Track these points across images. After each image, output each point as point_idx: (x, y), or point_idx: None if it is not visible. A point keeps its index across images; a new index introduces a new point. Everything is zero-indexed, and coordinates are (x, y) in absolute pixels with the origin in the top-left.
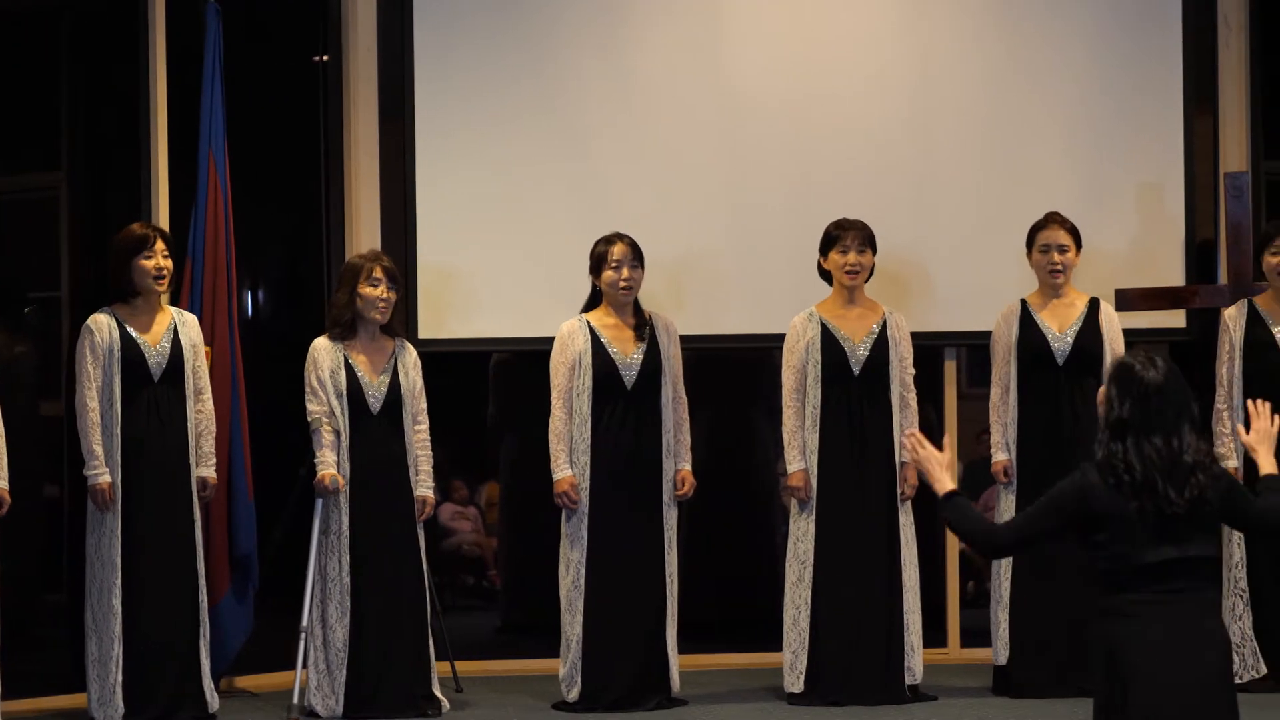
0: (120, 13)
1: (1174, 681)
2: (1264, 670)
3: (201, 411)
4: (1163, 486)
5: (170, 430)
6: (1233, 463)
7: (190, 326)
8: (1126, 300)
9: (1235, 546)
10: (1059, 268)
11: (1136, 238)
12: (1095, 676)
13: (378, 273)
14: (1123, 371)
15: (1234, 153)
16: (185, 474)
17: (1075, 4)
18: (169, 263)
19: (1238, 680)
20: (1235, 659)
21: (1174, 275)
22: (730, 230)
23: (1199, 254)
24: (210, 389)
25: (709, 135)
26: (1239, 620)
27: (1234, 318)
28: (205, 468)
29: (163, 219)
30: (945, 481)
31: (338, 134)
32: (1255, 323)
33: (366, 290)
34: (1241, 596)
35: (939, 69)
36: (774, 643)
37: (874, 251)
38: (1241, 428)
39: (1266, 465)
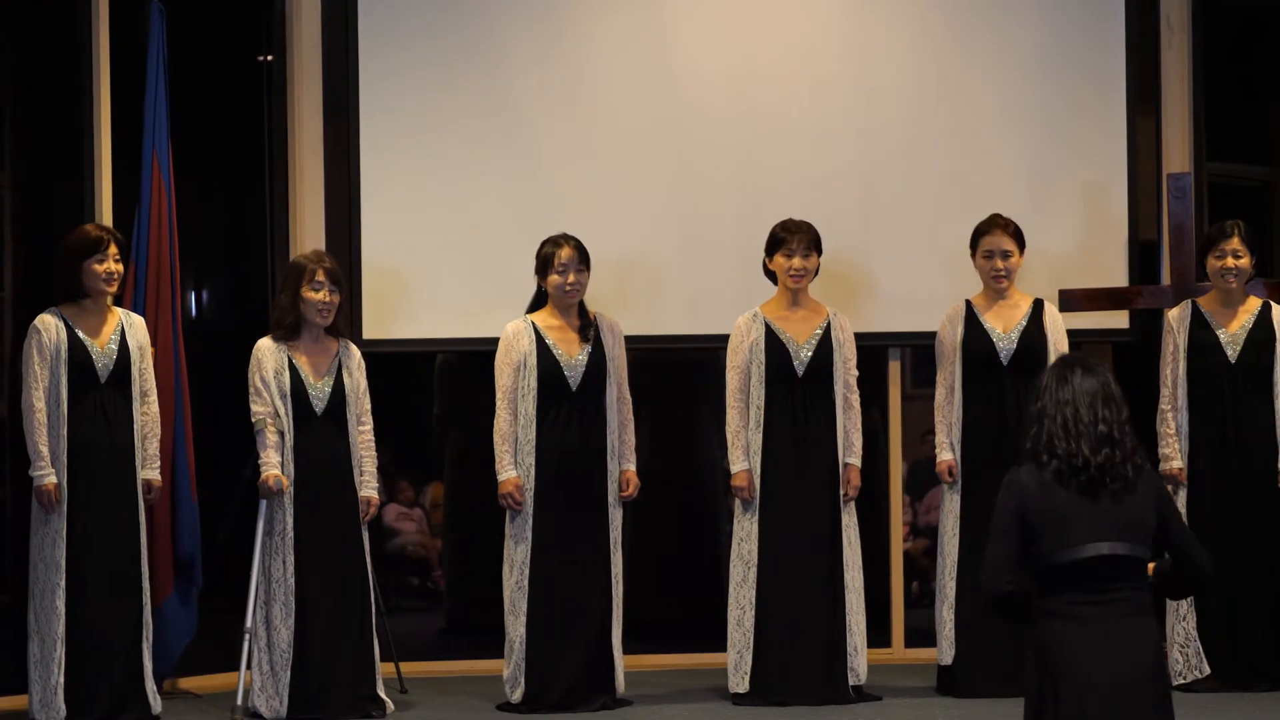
0: (63, 12)
1: (1103, 681)
2: (1207, 670)
3: (147, 414)
4: (1076, 447)
5: (117, 432)
6: (1176, 463)
7: (138, 329)
8: (1070, 301)
9: None
10: (1002, 273)
11: (1080, 239)
12: (1027, 675)
13: (320, 275)
14: (1049, 370)
15: (1177, 154)
16: (131, 476)
17: (1019, 7)
18: (120, 266)
19: (1181, 680)
20: (1179, 659)
21: (1117, 276)
22: (675, 232)
23: (1142, 255)
24: (156, 390)
25: (654, 137)
26: (1183, 621)
27: (1177, 319)
28: (150, 470)
29: (106, 218)
30: None
31: (282, 134)
32: (1198, 324)
33: (309, 293)
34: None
35: (883, 71)
36: (718, 643)
37: (819, 254)
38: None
39: None
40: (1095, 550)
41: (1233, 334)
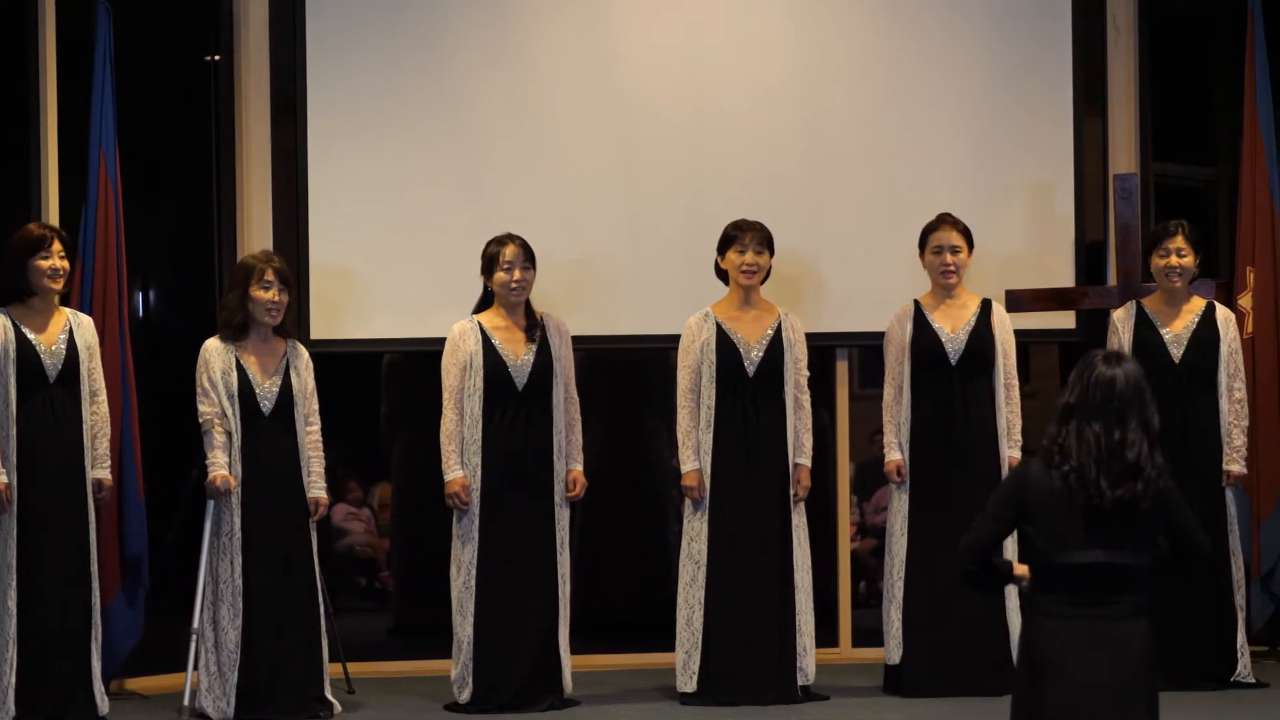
0: (10, 11)
1: (1090, 682)
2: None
3: (97, 413)
4: (1094, 475)
5: (66, 432)
6: None
7: (86, 328)
8: (1017, 301)
9: None
10: (951, 269)
11: (1027, 239)
12: (1016, 672)
13: (269, 275)
14: (1083, 361)
15: (1123, 154)
16: (80, 476)
17: (966, 8)
18: (65, 263)
19: None
20: None
21: (1064, 276)
22: (625, 231)
23: (1088, 255)
24: (105, 390)
25: (603, 137)
26: None
27: (1122, 319)
28: (100, 469)
29: (53, 218)
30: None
31: (229, 134)
32: (1143, 323)
33: (258, 293)
34: None
35: (831, 72)
36: (667, 643)
37: (771, 253)
38: None
39: None
40: (1092, 558)
41: (1177, 334)
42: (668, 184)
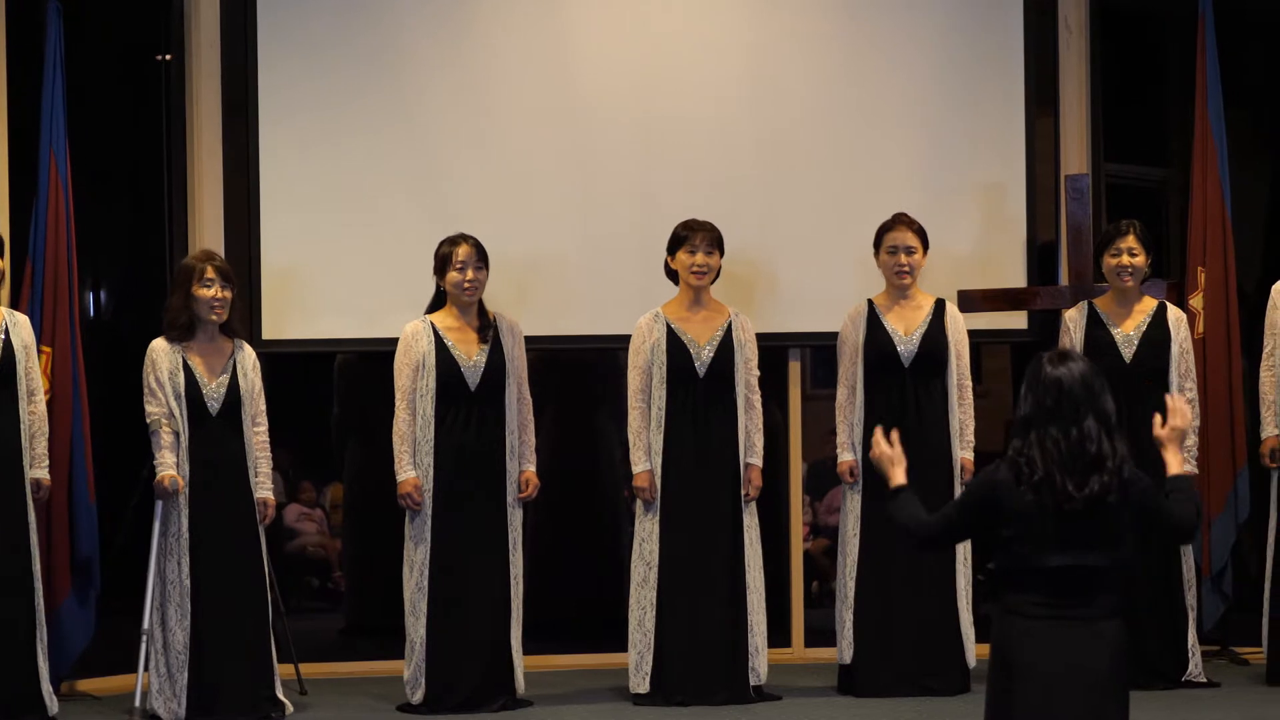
0: None
1: (1061, 682)
2: None
3: (34, 412)
4: (1060, 480)
5: (3, 433)
6: None
7: (22, 327)
8: (969, 301)
9: None
10: (906, 269)
11: (979, 239)
12: (989, 673)
13: (210, 273)
14: (1031, 369)
15: (1074, 155)
16: (18, 476)
17: (918, 9)
18: (3, 263)
19: None
20: None
21: (1016, 277)
22: (576, 232)
23: (1040, 255)
24: (43, 390)
25: (555, 136)
26: None
27: (1074, 319)
28: (39, 469)
29: (3, 219)
30: (898, 478)
31: (180, 133)
32: (1095, 323)
33: (200, 291)
34: None
35: (783, 72)
36: (619, 643)
37: (721, 253)
38: (1158, 419)
39: (1173, 465)
40: (1063, 560)
41: (1128, 334)
42: (619, 184)
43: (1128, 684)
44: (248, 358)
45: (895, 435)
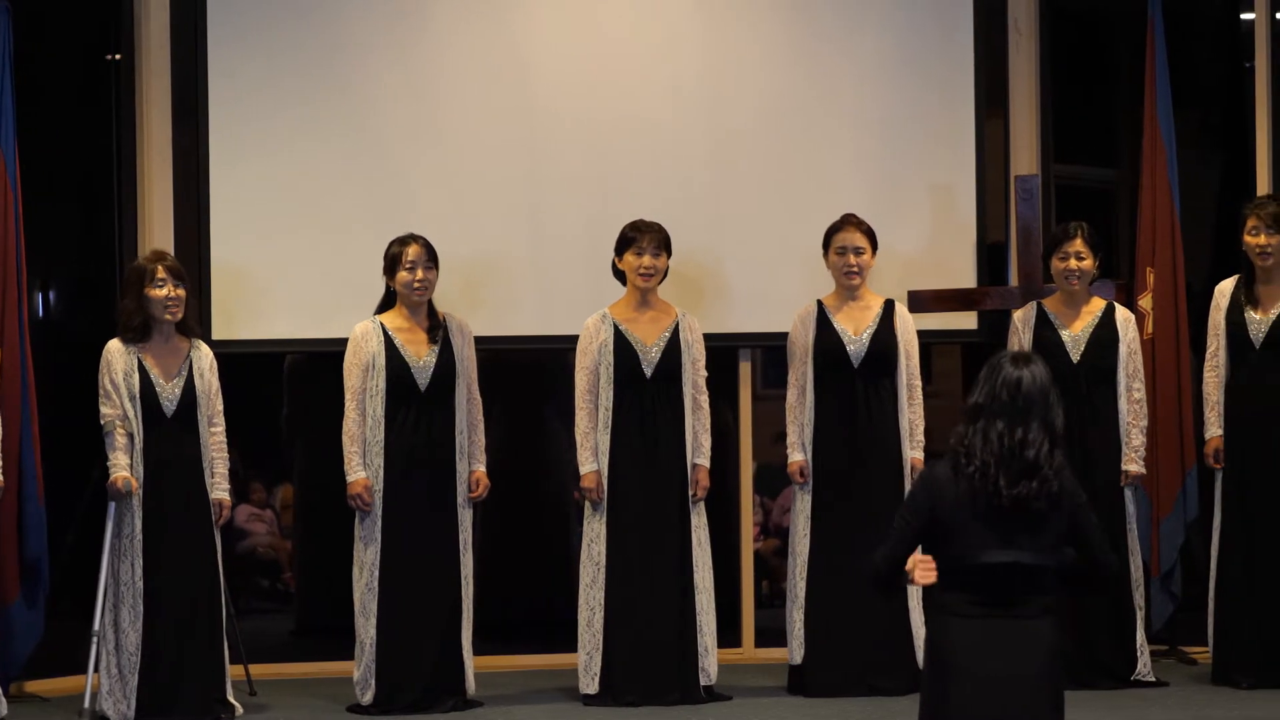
0: None
1: (994, 681)
2: None
3: None
4: (994, 473)
5: None
6: None
7: None
8: (919, 302)
9: None
10: (855, 269)
11: (929, 240)
12: (923, 672)
13: (161, 273)
14: (992, 362)
15: (1024, 156)
16: None
17: (869, 10)
18: None
19: None
20: None
21: (966, 277)
22: (524, 232)
23: (990, 256)
24: None
25: (504, 137)
26: None
27: (1023, 319)
28: None
29: None
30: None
31: (130, 133)
32: (1043, 324)
33: (153, 292)
34: None
35: (733, 73)
36: (569, 644)
37: (669, 254)
38: None
39: None
40: (997, 558)
41: (1076, 334)
42: (569, 185)
43: (1062, 684)
44: (204, 358)
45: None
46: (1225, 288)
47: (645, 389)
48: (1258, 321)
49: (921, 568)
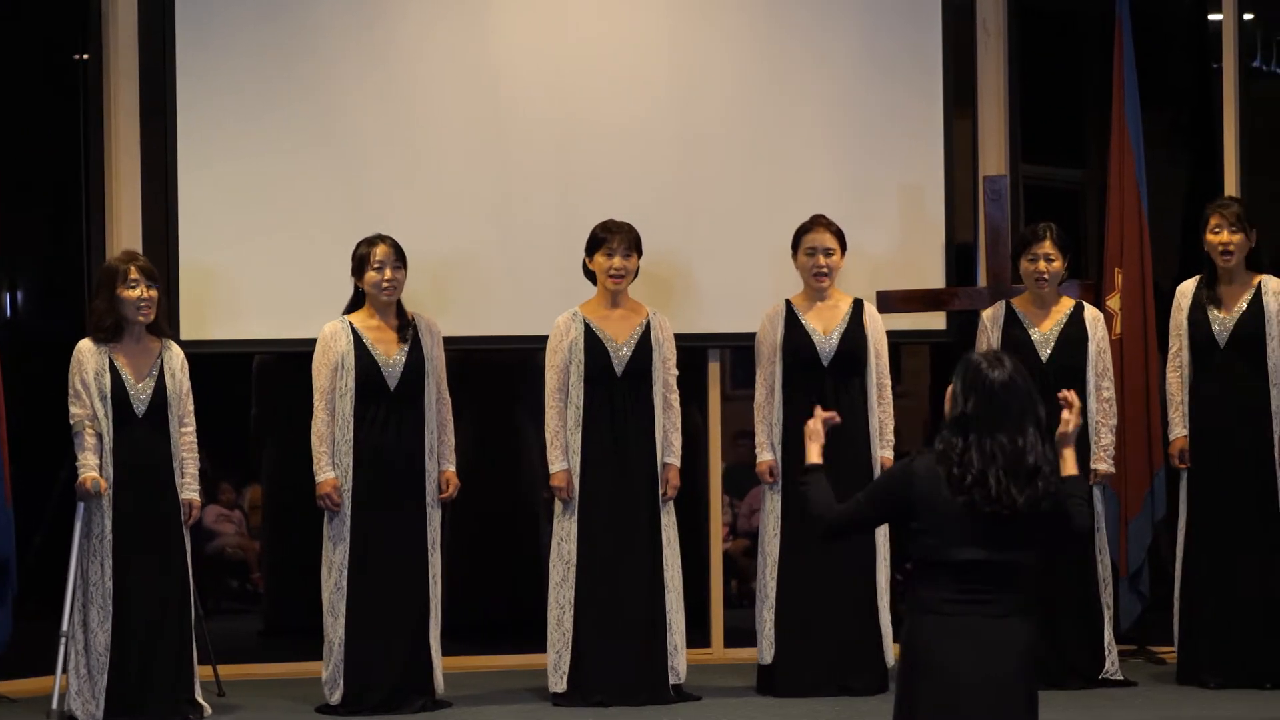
0: None
1: (968, 680)
2: None
3: None
4: (1004, 484)
5: None
6: None
7: None
8: (887, 302)
9: None
10: (824, 270)
11: (898, 241)
12: (898, 669)
13: (134, 274)
14: (970, 368)
15: (992, 156)
16: None
17: (837, 10)
18: None
19: None
20: None
21: (934, 277)
22: (494, 231)
23: (959, 256)
24: None
25: (474, 136)
26: None
27: (991, 318)
28: None
29: None
30: (814, 455)
31: (98, 133)
32: (1012, 323)
33: (126, 293)
34: None
35: (702, 72)
36: (538, 643)
37: (639, 255)
38: (1065, 415)
39: (1069, 465)
40: (974, 554)
41: (1045, 333)
42: (538, 183)
43: (1035, 685)
44: (175, 358)
45: (828, 416)
46: (1187, 288)
47: (616, 387)
48: (1221, 321)
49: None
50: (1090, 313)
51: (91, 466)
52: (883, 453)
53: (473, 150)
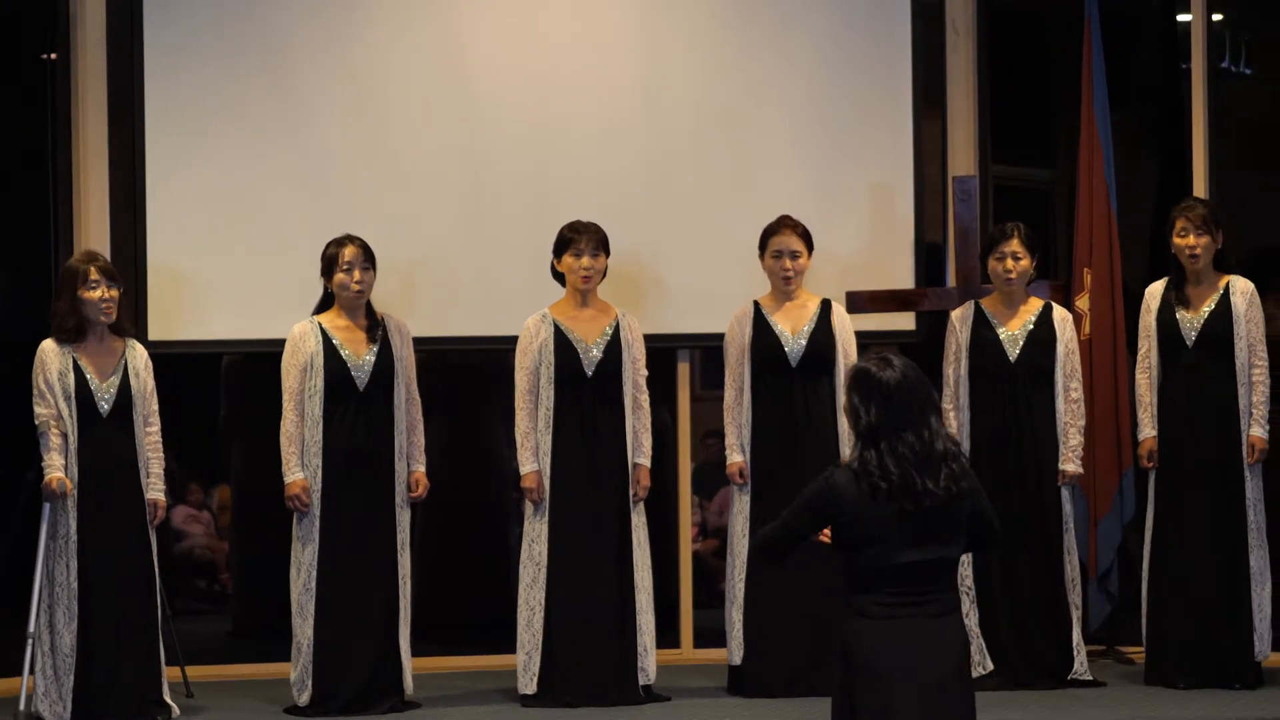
0: None
1: (905, 681)
2: (990, 667)
3: None
4: (920, 481)
5: None
6: None
7: None
8: (857, 302)
9: None
10: (791, 272)
11: (867, 241)
12: (833, 674)
13: (94, 274)
14: (861, 377)
15: (962, 157)
16: None
17: (805, 8)
18: None
19: None
20: None
21: (904, 278)
22: (464, 232)
23: (928, 257)
24: None
25: (443, 137)
26: (965, 618)
27: (960, 318)
28: None
29: None
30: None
31: (66, 132)
32: (980, 323)
33: (87, 294)
34: (968, 594)
35: (671, 73)
36: (508, 644)
37: (607, 255)
38: None
39: None
40: (908, 557)
41: (1013, 333)
42: (508, 185)
43: (971, 680)
44: (139, 357)
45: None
46: (1155, 289)
47: (586, 388)
48: (1189, 321)
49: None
50: (1059, 313)
51: (57, 467)
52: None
53: (442, 151)
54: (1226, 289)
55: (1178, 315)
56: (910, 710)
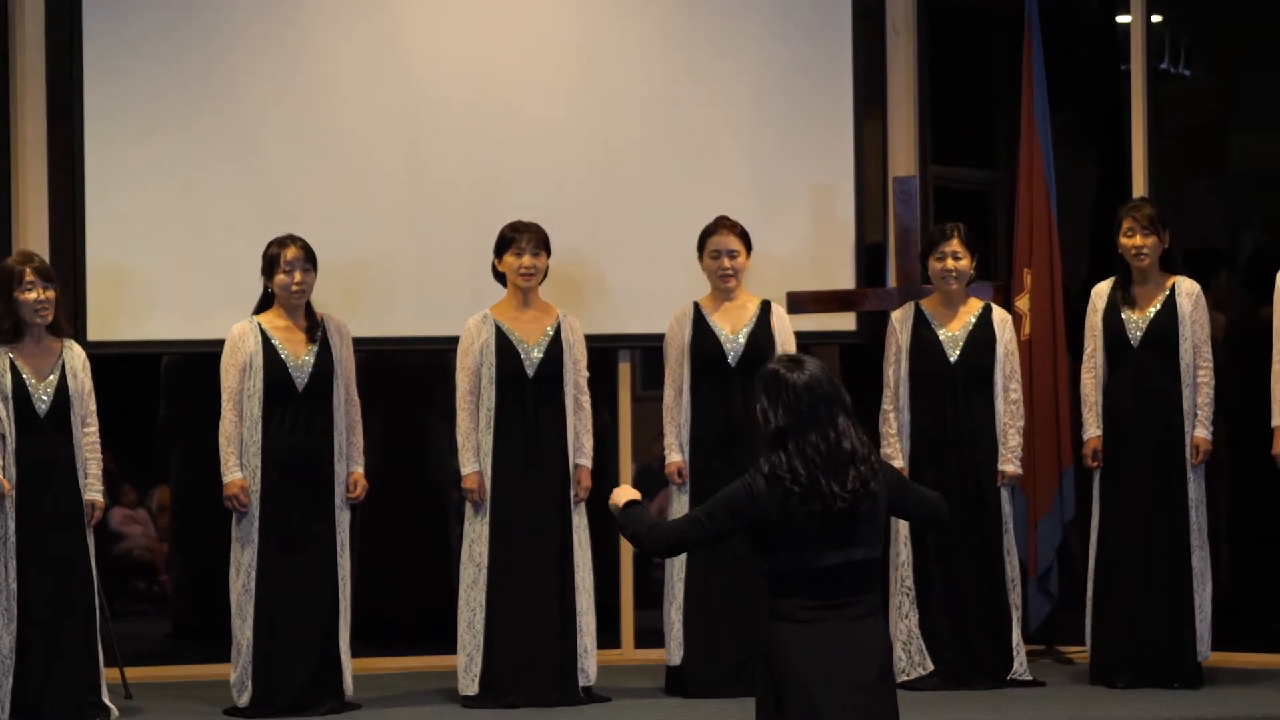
0: None
1: (831, 683)
2: (930, 667)
3: None
4: (826, 483)
5: None
6: (898, 461)
7: None
8: (798, 303)
9: (902, 545)
10: (729, 273)
11: (808, 241)
12: (757, 678)
13: (29, 276)
14: (770, 380)
15: (902, 157)
16: None
17: (746, 8)
18: None
19: (905, 678)
20: (903, 656)
21: (844, 278)
22: (405, 232)
23: (869, 257)
24: None
25: (386, 137)
26: (905, 618)
27: (901, 320)
28: None
29: None
30: (627, 496)
31: (4, 132)
32: (920, 324)
33: (22, 295)
34: (908, 595)
35: (612, 74)
36: (449, 645)
37: (548, 254)
38: None
39: None
40: (828, 560)
41: (953, 334)
42: (450, 184)
43: (894, 682)
44: (76, 357)
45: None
46: (1102, 289)
47: (527, 389)
48: (1135, 321)
49: None
50: (999, 314)
51: None
52: None
53: (383, 151)
54: (1172, 290)
55: (1123, 315)
56: (836, 712)
